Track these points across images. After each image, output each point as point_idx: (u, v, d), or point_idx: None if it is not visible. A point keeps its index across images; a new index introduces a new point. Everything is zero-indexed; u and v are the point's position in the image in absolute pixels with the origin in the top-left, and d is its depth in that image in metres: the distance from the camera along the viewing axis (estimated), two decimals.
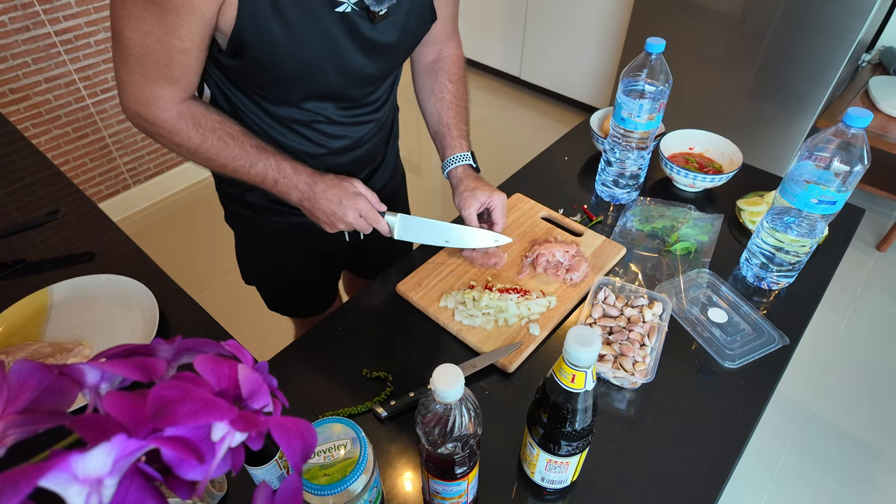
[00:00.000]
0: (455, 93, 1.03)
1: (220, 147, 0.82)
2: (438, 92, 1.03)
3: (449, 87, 1.03)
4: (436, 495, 0.65)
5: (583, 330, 0.55)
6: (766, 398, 0.83)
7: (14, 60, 1.98)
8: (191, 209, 2.61)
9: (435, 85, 1.03)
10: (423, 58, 1.04)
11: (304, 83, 0.81)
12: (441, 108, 1.03)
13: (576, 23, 2.84)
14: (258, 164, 0.85)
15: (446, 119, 1.02)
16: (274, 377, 0.38)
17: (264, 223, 1.06)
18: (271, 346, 0.96)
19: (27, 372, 0.30)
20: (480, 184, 0.97)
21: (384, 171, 1.12)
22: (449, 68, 1.04)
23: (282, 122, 0.88)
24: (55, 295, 0.93)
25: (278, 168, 0.86)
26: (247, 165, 0.84)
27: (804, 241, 0.91)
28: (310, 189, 0.87)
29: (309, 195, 0.87)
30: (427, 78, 1.05)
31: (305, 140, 0.91)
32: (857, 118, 0.82)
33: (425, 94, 1.05)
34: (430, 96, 1.04)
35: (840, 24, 1.96)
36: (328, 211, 0.87)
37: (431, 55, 1.04)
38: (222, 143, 0.83)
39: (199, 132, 0.81)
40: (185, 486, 0.30)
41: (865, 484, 1.66)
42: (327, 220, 0.89)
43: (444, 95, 1.03)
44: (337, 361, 0.88)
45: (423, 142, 3.05)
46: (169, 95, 0.77)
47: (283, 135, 0.90)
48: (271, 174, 0.85)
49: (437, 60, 1.04)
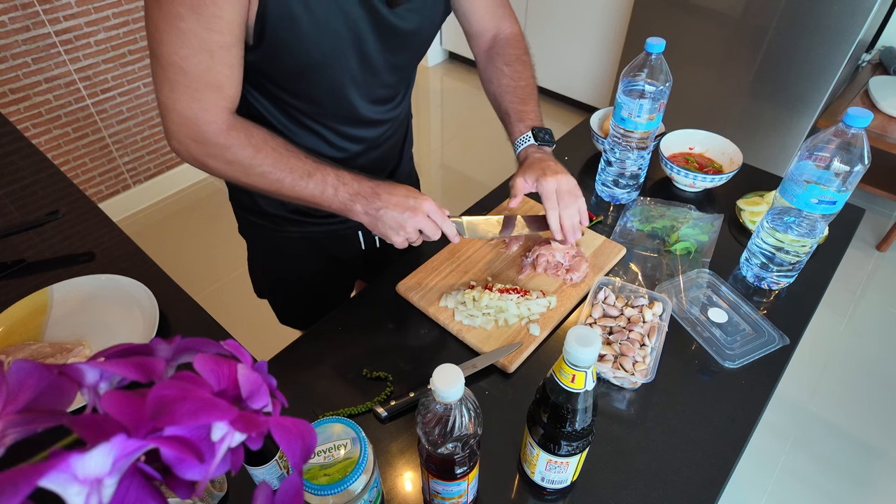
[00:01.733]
0: (511, 75, 1.01)
1: (275, 159, 0.78)
2: (496, 79, 1.02)
3: (505, 71, 1.02)
4: (436, 495, 0.65)
5: (583, 330, 0.55)
6: (766, 398, 0.83)
7: (14, 60, 1.98)
8: (191, 209, 2.61)
9: (493, 72, 1.03)
10: (479, 48, 1.04)
11: (326, 72, 0.79)
12: (500, 95, 1.02)
13: (576, 23, 2.84)
14: (316, 174, 0.80)
15: (504, 106, 1.01)
16: (273, 377, 0.38)
17: (280, 233, 1.05)
18: (271, 345, 0.96)
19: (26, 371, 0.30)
20: (535, 164, 0.92)
21: (399, 177, 1.11)
22: (504, 51, 1.03)
23: (301, 123, 0.87)
24: (55, 295, 0.93)
25: (338, 176, 0.81)
26: (305, 177, 0.79)
27: (804, 241, 0.91)
28: (374, 193, 0.82)
29: (374, 200, 0.82)
30: (486, 68, 1.04)
31: (324, 142, 0.90)
32: (857, 118, 0.82)
33: (487, 85, 1.05)
34: (489, 85, 1.04)
35: (840, 24, 1.96)
36: (397, 214, 0.81)
37: (485, 44, 1.03)
38: (277, 154, 0.78)
39: (252, 144, 0.77)
40: (184, 486, 0.30)
41: (865, 484, 1.66)
42: (395, 225, 0.82)
43: (501, 81, 1.02)
44: (337, 361, 0.88)
45: (423, 142, 3.05)
46: (215, 106, 0.74)
47: (301, 137, 0.88)
48: (331, 183, 0.81)
49: (493, 46, 1.04)
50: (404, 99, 0.98)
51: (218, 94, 0.74)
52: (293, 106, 0.85)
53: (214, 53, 0.70)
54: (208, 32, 0.68)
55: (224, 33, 0.69)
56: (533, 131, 0.97)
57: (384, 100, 0.92)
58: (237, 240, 1.17)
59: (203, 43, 0.68)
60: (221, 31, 0.69)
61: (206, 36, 0.68)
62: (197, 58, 0.69)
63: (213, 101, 0.74)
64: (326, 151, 0.91)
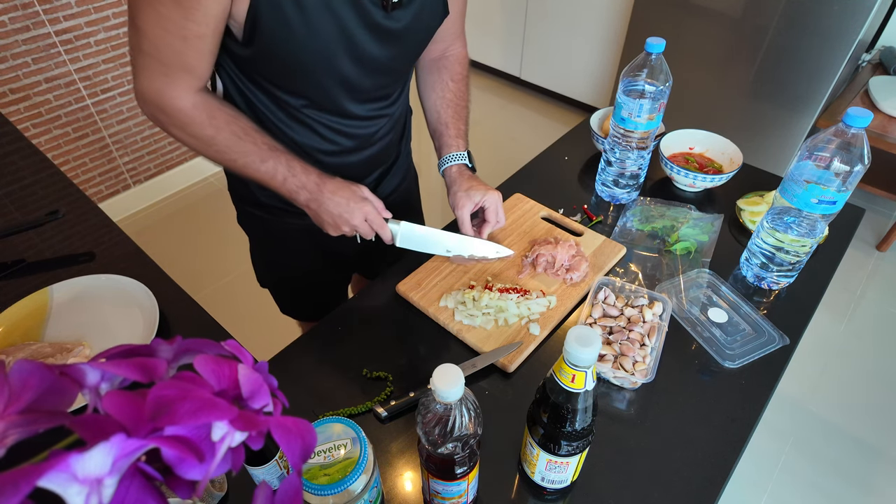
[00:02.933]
0: (456, 92, 1.03)
1: (232, 141, 0.82)
2: (440, 90, 1.03)
3: (451, 86, 1.03)
4: (436, 495, 0.65)
5: (583, 330, 0.55)
6: (766, 398, 0.83)
7: (14, 60, 1.98)
8: (191, 209, 2.61)
9: (437, 82, 1.03)
10: (428, 54, 1.04)
11: (318, 72, 0.81)
12: (441, 106, 1.03)
13: (576, 23, 2.84)
14: (268, 161, 0.84)
15: (445, 117, 1.02)
16: (274, 377, 0.38)
17: (277, 224, 1.06)
18: (271, 345, 0.96)
19: (28, 372, 0.30)
20: (475, 183, 0.97)
21: (396, 172, 1.11)
22: (452, 67, 1.04)
23: (295, 117, 0.88)
24: (55, 295, 0.93)
25: (288, 166, 0.85)
26: (257, 161, 0.84)
27: (804, 241, 0.91)
28: (318, 189, 0.87)
29: (317, 195, 0.87)
30: (430, 74, 1.05)
31: (318, 137, 0.91)
32: (857, 118, 0.82)
33: (427, 91, 1.05)
34: (430, 93, 1.04)
35: (840, 24, 1.96)
36: (335, 212, 0.87)
37: (437, 52, 1.04)
38: (235, 137, 0.82)
39: (213, 124, 0.81)
40: (185, 486, 0.30)
41: (865, 484, 1.66)
42: (332, 222, 0.89)
43: (444, 94, 1.03)
44: (337, 361, 0.88)
45: (424, 142, 3.05)
46: (183, 83, 0.77)
47: (295, 130, 0.90)
48: (281, 171, 0.85)
49: (442, 58, 1.04)
50: (400, 97, 0.99)
51: (188, 75, 0.77)
52: (286, 101, 0.86)
53: (189, 40, 0.72)
54: (185, 21, 0.70)
55: (201, 24, 0.71)
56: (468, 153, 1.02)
57: (378, 98, 0.93)
58: (237, 240, 1.17)
59: (179, 29, 0.71)
60: (198, 22, 0.70)
61: (182, 23, 0.70)
62: (170, 40, 0.72)
63: (181, 79, 0.77)
64: (320, 145, 0.92)
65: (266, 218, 1.05)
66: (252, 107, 0.87)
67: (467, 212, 0.95)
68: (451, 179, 0.99)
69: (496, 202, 0.96)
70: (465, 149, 1.01)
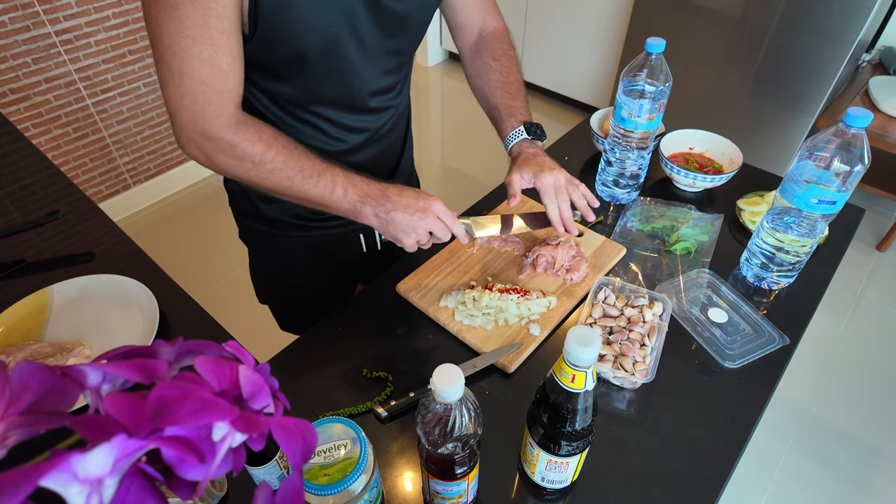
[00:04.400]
0: (500, 70, 1.01)
1: (285, 156, 0.77)
2: (484, 74, 1.01)
3: (493, 66, 1.01)
4: (436, 495, 0.66)
5: (583, 330, 0.55)
6: (766, 398, 0.83)
7: (14, 60, 1.98)
8: (191, 209, 2.61)
9: (481, 67, 1.02)
10: (465, 42, 1.03)
11: (322, 59, 0.78)
12: (489, 90, 1.01)
13: (576, 23, 2.84)
14: (326, 174, 0.79)
15: (494, 101, 1.00)
16: (275, 379, 0.38)
17: (280, 237, 1.04)
18: (271, 345, 0.96)
19: (29, 373, 0.30)
20: (531, 160, 0.92)
21: (399, 176, 1.10)
22: (491, 46, 1.02)
23: (299, 117, 0.86)
24: (55, 295, 0.93)
25: (347, 177, 0.80)
26: (314, 176, 0.78)
27: (804, 241, 0.91)
28: (383, 195, 0.81)
29: (383, 202, 0.81)
30: (473, 62, 1.03)
31: (324, 135, 0.89)
32: (857, 118, 0.82)
33: (475, 80, 1.04)
34: (477, 81, 1.03)
35: (840, 24, 1.96)
36: (408, 216, 0.80)
37: (473, 36, 1.02)
38: (287, 151, 0.77)
39: (262, 140, 0.76)
40: (185, 486, 0.30)
41: (865, 484, 1.66)
42: (406, 227, 0.81)
43: (489, 76, 1.01)
44: (337, 361, 0.88)
45: (423, 142, 3.05)
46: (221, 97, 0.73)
47: (300, 132, 0.87)
48: (340, 183, 0.80)
49: (480, 41, 1.03)
50: (404, 87, 0.97)
51: (224, 85, 0.73)
52: (290, 98, 0.84)
53: (216, 41, 0.69)
54: (206, 18, 0.67)
55: (222, 18, 0.68)
56: (525, 126, 0.96)
57: (384, 88, 0.91)
58: (237, 240, 1.17)
59: (203, 30, 0.68)
60: (219, 17, 0.68)
61: (204, 22, 0.67)
62: (199, 47, 0.69)
63: (219, 92, 0.73)
64: (326, 145, 0.90)
65: (269, 232, 1.03)
66: (256, 113, 0.84)
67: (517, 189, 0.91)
68: (512, 159, 0.96)
69: (548, 184, 0.89)
70: (519, 124, 0.97)
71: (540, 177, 0.90)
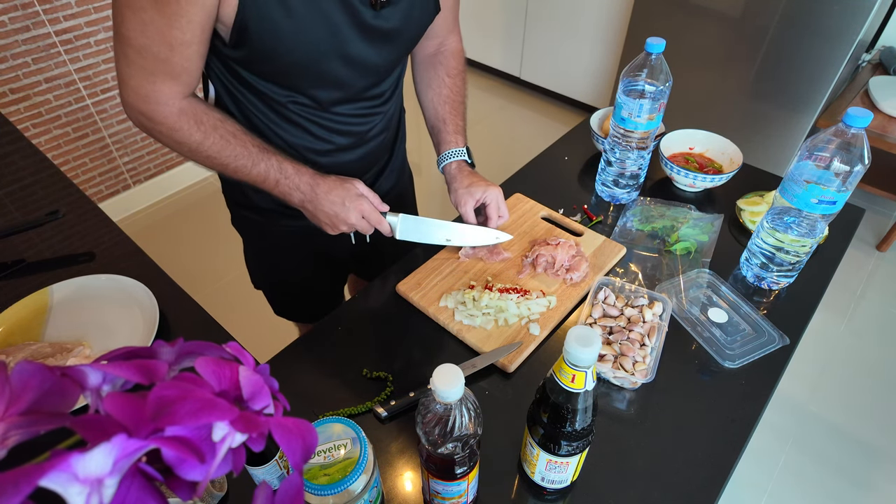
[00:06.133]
0: (453, 87, 1.03)
1: (221, 145, 0.82)
2: (436, 86, 1.03)
3: (447, 82, 1.02)
4: (436, 495, 0.66)
5: (583, 330, 0.55)
6: (766, 398, 0.83)
7: (14, 60, 1.98)
8: (191, 209, 2.61)
9: (433, 79, 1.03)
10: (423, 50, 1.03)
11: (309, 73, 0.80)
12: (438, 103, 1.02)
13: (576, 23, 2.84)
14: (260, 164, 0.84)
15: (442, 114, 1.02)
16: (275, 379, 0.38)
17: (271, 227, 1.06)
18: (271, 346, 0.96)
19: (29, 373, 0.30)
20: (475, 179, 0.97)
21: (391, 172, 1.11)
22: (448, 62, 1.03)
23: (287, 117, 0.87)
24: (55, 295, 0.93)
25: (280, 168, 0.85)
26: (248, 165, 0.83)
27: (804, 241, 0.91)
28: (312, 190, 0.86)
29: (311, 196, 0.86)
30: (426, 71, 1.04)
31: (311, 136, 0.91)
32: (857, 118, 0.82)
33: (423, 88, 1.05)
34: (427, 90, 1.04)
35: (840, 24, 1.96)
36: (330, 212, 0.87)
37: (432, 48, 1.03)
38: (224, 141, 0.82)
39: (201, 130, 0.80)
40: (185, 487, 0.30)
41: (865, 484, 1.66)
42: (329, 222, 0.88)
43: (441, 90, 1.02)
44: (337, 361, 0.88)
45: (424, 141, 3.04)
46: (169, 91, 0.76)
47: (287, 131, 0.89)
48: (273, 174, 0.85)
49: (437, 54, 1.04)
50: (393, 95, 0.98)
51: (174, 82, 0.76)
52: (278, 101, 0.85)
53: (174, 48, 0.71)
54: (169, 28, 0.69)
55: (185, 32, 0.70)
56: (466, 148, 1.02)
57: (371, 97, 0.92)
58: (237, 239, 1.17)
59: (163, 37, 0.70)
60: (182, 29, 0.69)
61: (167, 31, 0.69)
62: (156, 48, 0.71)
63: (167, 87, 0.76)
64: (313, 145, 0.92)
65: (260, 221, 1.05)
66: (244, 110, 0.87)
67: (470, 208, 0.96)
68: (451, 176, 0.99)
69: (497, 197, 0.96)
70: (463, 145, 1.01)
71: (488, 192, 0.96)
